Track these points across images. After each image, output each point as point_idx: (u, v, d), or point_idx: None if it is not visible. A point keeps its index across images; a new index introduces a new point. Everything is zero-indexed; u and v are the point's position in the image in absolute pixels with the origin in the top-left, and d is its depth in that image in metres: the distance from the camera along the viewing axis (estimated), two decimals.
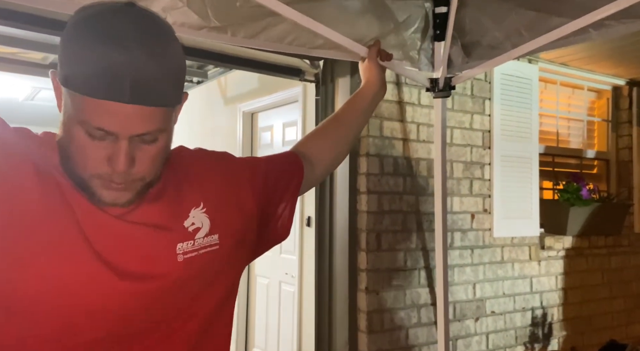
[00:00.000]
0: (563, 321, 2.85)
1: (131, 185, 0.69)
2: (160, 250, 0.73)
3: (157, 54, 0.65)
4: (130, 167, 0.66)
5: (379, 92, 1.22)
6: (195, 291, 0.77)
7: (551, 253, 2.81)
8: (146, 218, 0.73)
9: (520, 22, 1.40)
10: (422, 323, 2.29)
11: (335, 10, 1.34)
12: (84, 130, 0.65)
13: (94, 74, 0.62)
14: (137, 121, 0.65)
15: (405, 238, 2.27)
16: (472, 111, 2.53)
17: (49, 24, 1.73)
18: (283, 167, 0.96)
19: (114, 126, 0.64)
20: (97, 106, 0.63)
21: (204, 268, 0.77)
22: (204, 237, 0.77)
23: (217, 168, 0.86)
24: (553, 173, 3.10)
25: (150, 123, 0.66)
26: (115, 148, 0.65)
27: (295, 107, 2.90)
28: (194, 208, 0.77)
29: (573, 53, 2.79)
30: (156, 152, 0.69)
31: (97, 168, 0.66)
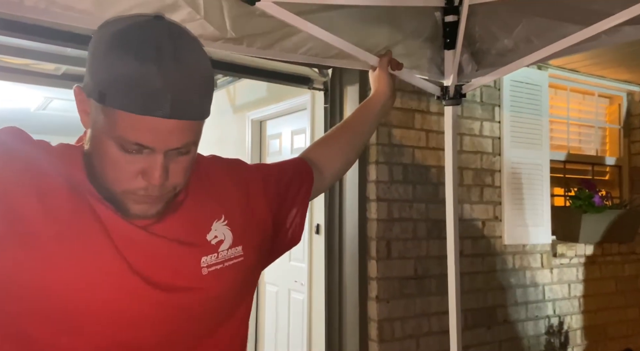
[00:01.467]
0: (577, 330, 2.81)
1: (163, 198, 0.70)
2: (185, 264, 0.74)
3: (191, 67, 0.65)
4: (165, 180, 0.67)
5: (388, 100, 1.23)
6: (223, 304, 0.78)
7: (564, 261, 2.78)
8: (170, 232, 0.73)
9: (530, 30, 1.39)
10: (434, 331, 2.27)
11: (345, 21, 1.35)
12: (118, 145, 0.65)
13: (131, 89, 0.61)
14: (175, 136, 0.65)
15: (415, 246, 2.26)
16: (481, 118, 2.52)
17: (62, 36, 1.76)
18: (293, 174, 0.97)
19: (152, 141, 0.64)
20: (135, 122, 0.62)
21: (231, 281, 0.77)
22: (227, 249, 0.77)
23: (233, 178, 0.87)
24: (564, 180, 3.07)
25: (186, 137, 0.66)
26: (150, 162, 0.65)
27: (304, 114, 2.91)
28: (215, 221, 0.78)
29: (583, 59, 2.77)
30: (188, 164, 0.70)
31: (131, 183, 0.66)
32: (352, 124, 1.16)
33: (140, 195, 0.68)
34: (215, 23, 1.16)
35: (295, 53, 1.36)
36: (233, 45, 1.23)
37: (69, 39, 1.78)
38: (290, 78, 2.44)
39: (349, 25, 1.36)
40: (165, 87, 0.62)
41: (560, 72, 2.91)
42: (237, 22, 1.18)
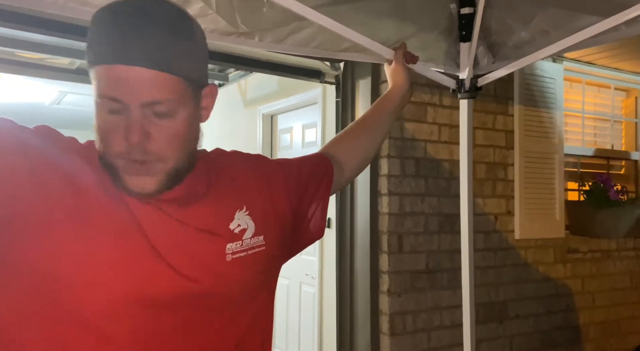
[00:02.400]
0: (590, 325, 2.79)
1: (152, 168, 0.69)
2: (210, 252, 0.75)
3: (170, 25, 0.67)
4: (144, 139, 0.67)
5: (406, 94, 1.23)
6: (244, 292, 0.79)
7: (577, 256, 2.76)
8: (196, 221, 0.75)
9: (548, 22, 1.37)
10: (445, 325, 2.27)
11: (359, 13, 1.34)
12: (104, 107, 0.67)
13: (101, 42, 0.66)
14: (145, 87, 0.66)
15: (427, 240, 2.25)
16: (494, 111, 2.50)
17: (76, 31, 1.77)
18: (313, 169, 0.98)
19: (122, 92, 0.65)
20: (107, 73, 0.66)
21: (253, 269, 0.79)
22: (250, 238, 0.79)
23: (254, 171, 0.88)
24: (579, 174, 3.03)
25: (160, 91, 0.67)
26: (127, 121, 0.66)
27: (315, 108, 2.91)
28: (238, 211, 0.79)
29: (599, 51, 2.73)
30: (174, 130, 0.69)
31: (117, 145, 0.68)
32: (371, 119, 1.17)
33: (127, 162, 0.68)
34: (226, 17, 1.16)
35: (306, 47, 1.36)
36: (245, 39, 1.23)
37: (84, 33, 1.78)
38: (301, 72, 2.43)
39: (363, 18, 1.35)
40: (135, 36, 0.65)
41: (576, 65, 2.86)
42: (247, 16, 1.19)
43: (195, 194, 0.77)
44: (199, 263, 0.74)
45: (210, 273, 0.74)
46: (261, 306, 0.84)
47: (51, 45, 2.20)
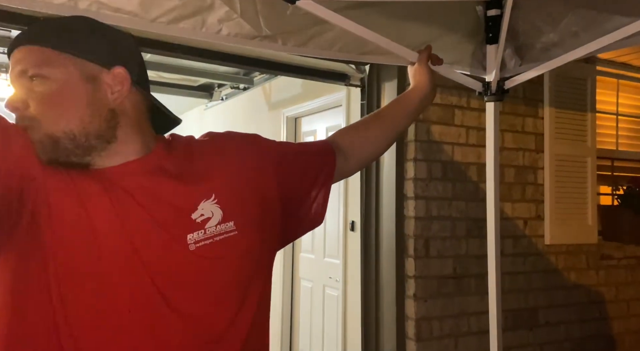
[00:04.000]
0: (625, 334, 2.69)
1: (32, 132, 0.74)
2: (171, 240, 0.76)
3: (51, 22, 0.79)
4: (16, 105, 0.75)
5: (428, 95, 1.21)
6: (220, 278, 0.79)
7: (611, 262, 2.67)
8: (159, 210, 0.76)
9: (577, 23, 1.34)
10: (472, 331, 2.23)
11: (383, 16, 1.33)
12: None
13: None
14: (15, 62, 0.77)
15: (454, 244, 2.22)
16: (524, 114, 2.44)
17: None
18: (314, 155, 0.98)
19: (11, 71, 0.77)
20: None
21: (223, 255, 0.79)
22: (216, 225, 0.79)
23: (242, 151, 0.88)
24: (612, 178, 2.94)
25: (24, 61, 0.75)
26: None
27: (339, 111, 2.91)
28: (203, 201, 0.79)
29: (634, 51, 2.64)
30: (46, 92, 0.75)
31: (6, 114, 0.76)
32: (387, 115, 1.15)
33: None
34: (251, 21, 1.17)
35: (330, 50, 1.36)
36: (268, 43, 1.24)
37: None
38: (326, 75, 2.44)
39: (387, 21, 1.34)
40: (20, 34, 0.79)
41: (610, 66, 2.78)
42: (271, 19, 1.20)
43: (160, 180, 0.78)
44: (163, 250, 0.75)
45: (172, 261, 0.75)
46: (257, 301, 0.83)
47: None
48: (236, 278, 0.80)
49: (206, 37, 1.17)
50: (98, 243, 0.71)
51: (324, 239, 3.07)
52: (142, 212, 0.75)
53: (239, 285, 0.80)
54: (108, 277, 0.71)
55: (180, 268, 0.75)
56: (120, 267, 0.72)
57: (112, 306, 0.72)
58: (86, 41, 0.78)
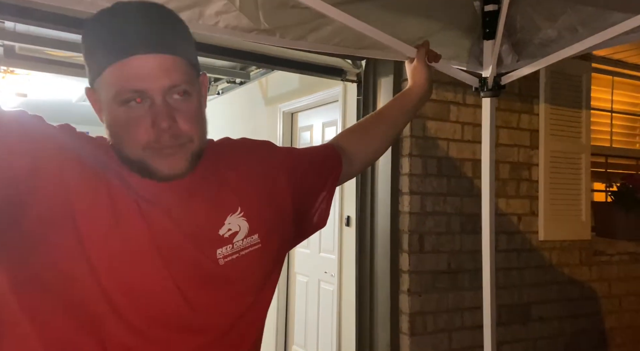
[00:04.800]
0: (617, 330, 2.72)
1: (182, 149, 0.71)
2: (202, 257, 0.75)
3: (162, 14, 0.72)
4: (173, 122, 0.69)
5: (426, 92, 1.21)
6: (242, 292, 0.79)
7: (604, 258, 2.69)
8: (187, 222, 0.75)
9: (576, 19, 1.34)
10: (466, 326, 2.25)
11: (381, 11, 1.33)
12: (122, 105, 0.69)
13: (110, 44, 0.68)
14: (161, 72, 0.69)
15: (449, 240, 2.23)
16: (519, 110, 2.45)
17: None
18: (322, 159, 0.98)
19: (143, 82, 0.68)
20: (123, 69, 0.68)
21: (248, 269, 0.79)
22: (243, 239, 0.79)
23: (258, 163, 0.88)
24: (606, 174, 2.96)
25: (173, 75, 0.70)
26: (154, 110, 0.69)
27: (335, 106, 2.90)
28: (230, 215, 0.79)
29: (629, 49, 2.65)
30: (194, 109, 0.72)
31: (145, 136, 0.69)
32: (387, 114, 1.16)
33: (156, 148, 0.69)
34: (249, 14, 1.17)
35: (328, 44, 1.36)
36: (267, 36, 1.24)
37: None
38: (323, 69, 2.43)
39: (385, 15, 1.34)
40: (135, 30, 0.69)
41: (605, 62, 2.79)
42: (270, 13, 1.19)
43: (188, 195, 0.77)
44: (194, 267, 0.74)
45: (203, 276, 0.75)
46: (263, 302, 0.84)
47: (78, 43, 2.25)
48: (254, 287, 0.81)
49: (203, 30, 1.17)
50: (126, 258, 0.70)
51: (320, 234, 3.07)
52: (172, 227, 0.74)
53: (254, 292, 0.82)
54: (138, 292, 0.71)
55: (209, 284, 0.75)
56: (152, 282, 0.72)
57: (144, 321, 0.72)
58: (194, 51, 0.77)
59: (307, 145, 3.35)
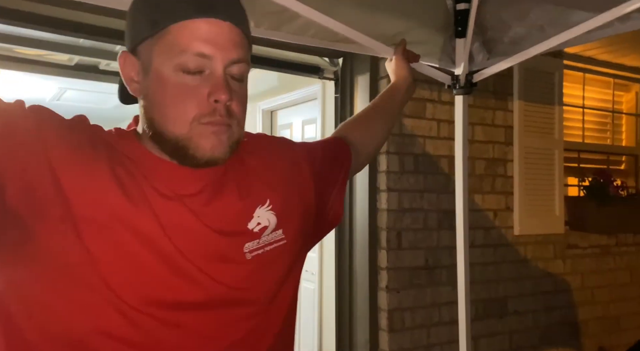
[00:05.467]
0: (590, 321, 2.79)
1: (229, 131, 0.68)
2: (230, 253, 0.73)
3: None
4: (230, 98, 0.66)
5: (411, 85, 1.25)
6: (267, 289, 0.76)
7: (577, 251, 2.75)
8: (215, 220, 0.71)
9: (542, 18, 1.37)
10: (444, 321, 2.28)
11: (354, 8, 1.34)
12: (180, 70, 0.65)
13: (180, 0, 0.64)
14: (231, 43, 0.66)
15: (426, 236, 2.25)
16: (494, 107, 2.49)
17: (74, 27, 1.78)
18: (335, 154, 0.96)
19: (212, 48, 0.64)
20: (192, 29, 0.64)
21: (273, 265, 0.76)
22: (269, 234, 0.76)
23: (282, 156, 0.85)
24: (579, 170, 3.03)
25: (240, 50, 0.67)
26: (214, 80, 0.65)
27: (314, 104, 2.90)
28: (259, 207, 0.76)
29: (600, 46, 2.72)
30: (244, 96, 0.70)
31: (197, 107, 0.65)
32: (383, 106, 1.16)
33: (209, 123, 0.66)
34: None
35: (303, 35, 1.35)
36: None
37: (81, 30, 1.80)
38: (300, 67, 2.42)
39: (358, 12, 1.34)
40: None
41: (576, 60, 2.85)
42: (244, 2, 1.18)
43: (219, 186, 0.73)
44: (224, 264, 0.71)
45: (233, 274, 0.72)
46: (287, 301, 0.80)
47: (49, 41, 2.20)
48: (276, 285, 0.78)
49: None
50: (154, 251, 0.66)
51: None
52: (195, 222, 0.70)
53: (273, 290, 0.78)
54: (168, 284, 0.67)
55: (237, 277, 0.72)
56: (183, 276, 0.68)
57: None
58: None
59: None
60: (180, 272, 0.68)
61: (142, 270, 0.66)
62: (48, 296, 0.65)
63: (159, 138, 0.68)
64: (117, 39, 1.87)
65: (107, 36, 1.83)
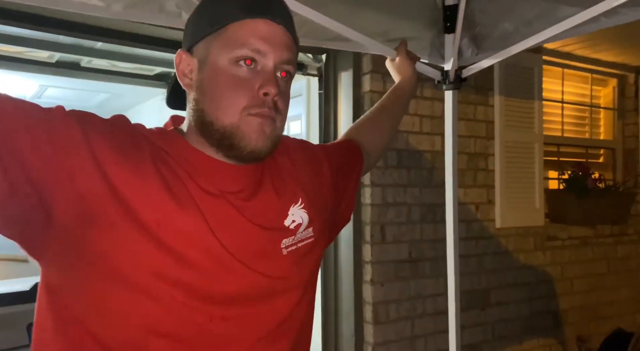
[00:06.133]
0: (569, 311, 2.86)
1: (274, 124, 0.72)
2: (269, 247, 0.76)
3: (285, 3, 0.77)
4: (277, 93, 0.70)
5: (415, 84, 1.30)
6: (302, 282, 0.79)
7: (556, 243, 2.82)
8: (256, 216, 0.75)
9: (530, 13, 1.39)
10: (428, 313, 2.32)
11: (343, 4, 1.35)
12: (234, 63, 0.70)
13: (242, 2, 0.71)
14: (283, 44, 0.72)
15: (409, 229, 2.29)
16: (475, 102, 2.53)
17: (55, 24, 1.75)
18: (349, 155, 1.00)
19: (266, 45, 0.70)
20: (248, 28, 0.70)
21: (304, 261, 0.80)
22: (302, 231, 0.80)
23: (306, 157, 0.89)
24: (558, 163, 3.09)
25: (290, 52, 0.73)
26: (264, 76, 0.70)
27: (300, 100, 2.91)
28: (292, 206, 0.79)
29: (577, 41, 2.77)
30: (289, 95, 0.75)
31: (248, 98, 0.69)
32: (390, 107, 1.19)
33: (257, 114, 0.70)
34: None
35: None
36: None
37: (61, 26, 1.78)
38: None
39: (348, 8, 1.36)
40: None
41: (555, 55, 2.90)
42: None
43: (257, 184, 0.77)
44: (264, 258, 0.74)
45: (271, 265, 0.75)
46: (310, 299, 0.84)
47: (29, 38, 2.17)
48: (307, 279, 0.81)
49: (165, 23, 1.16)
50: (195, 248, 0.68)
51: None
52: (239, 217, 0.73)
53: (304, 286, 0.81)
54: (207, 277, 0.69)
55: (277, 269, 0.75)
56: (226, 271, 0.70)
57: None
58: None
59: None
60: (226, 267, 0.70)
61: (190, 268, 0.68)
62: (103, 298, 0.66)
63: (207, 129, 0.72)
64: (97, 35, 1.86)
65: (88, 33, 1.81)
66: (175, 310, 0.67)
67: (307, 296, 0.82)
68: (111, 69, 3.29)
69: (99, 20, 1.74)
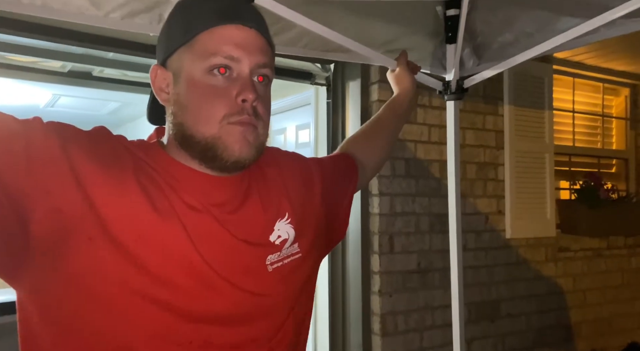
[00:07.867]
0: (582, 323, 2.81)
1: (255, 132, 0.70)
2: (253, 263, 0.73)
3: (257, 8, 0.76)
4: (257, 98, 0.69)
5: (414, 97, 1.27)
6: (286, 300, 0.77)
7: (568, 254, 2.78)
8: (240, 231, 0.72)
9: (531, 24, 1.39)
10: (437, 325, 2.29)
11: (345, 14, 1.35)
12: (209, 73, 0.69)
13: (209, 10, 0.70)
14: (257, 48, 0.71)
15: (418, 240, 2.27)
16: (484, 112, 2.52)
17: (67, 35, 1.79)
18: (344, 170, 0.98)
19: (239, 51, 0.69)
20: (220, 35, 0.69)
21: (292, 277, 0.77)
22: (288, 247, 0.77)
23: (296, 170, 0.87)
24: (570, 173, 3.05)
25: (266, 56, 0.72)
26: (241, 82, 0.69)
27: (308, 109, 2.92)
28: (278, 220, 0.77)
29: (588, 51, 2.75)
30: (269, 99, 0.73)
31: (226, 107, 0.68)
32: (387, 120, 1.17)
33: (237, 122, 0.68)
34: None
35: (294, 46, 1.37)
36: None
37: (73, 37, 1.81)
38: (292, 73, 2.44)
39: (349, 19, 1.36)
40: (238, 3, 0.72)
41: (565, 64, 2.88)
42: None
43: (244, 195, 0.75)
44: (245, 271, 0.72)
45: (255, 281, 0.72)
46: (302, 312, 0.81)
47: (42, 48, 2.21)
48: (294, 297, 0.78)
49: None
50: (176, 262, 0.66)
51: None
52: (222, 232, 0.70)
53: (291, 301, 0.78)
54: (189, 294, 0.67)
55: (260, 286, 0.73)
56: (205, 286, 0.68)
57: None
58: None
59: (281, 148, 3.36)
60: (209, 284, 0.68)
61: (171, 286, 0.66)
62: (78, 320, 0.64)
63: (188, 142, 0.71)
64: (108, 46, 1.88)
65: (99, 43, 1.84)
66: (155, 331, 0.65)
67: (294, 317, 0.78)
68: (122, 78, 3.34)
69: (110, 31, 1.76)
